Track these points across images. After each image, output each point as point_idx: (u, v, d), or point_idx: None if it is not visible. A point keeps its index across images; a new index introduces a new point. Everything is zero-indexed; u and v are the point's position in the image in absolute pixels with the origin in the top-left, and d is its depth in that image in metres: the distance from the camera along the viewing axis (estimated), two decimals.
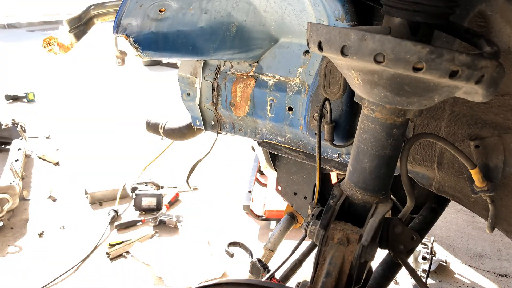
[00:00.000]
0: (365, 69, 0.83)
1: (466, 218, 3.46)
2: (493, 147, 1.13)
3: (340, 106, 1.30)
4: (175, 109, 3.18)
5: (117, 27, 1.27)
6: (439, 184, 1.32)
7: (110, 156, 4.45)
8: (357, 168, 1.02)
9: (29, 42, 10.62)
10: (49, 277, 2.70)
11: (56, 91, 6.79)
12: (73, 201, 3.64)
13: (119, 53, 1.65)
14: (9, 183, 3.18)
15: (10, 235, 3.14)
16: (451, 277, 2.79)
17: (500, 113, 1.10)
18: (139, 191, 3.54)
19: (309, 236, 1.07)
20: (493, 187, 1.13)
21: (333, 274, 0.95)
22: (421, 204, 1.74)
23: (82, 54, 6.98)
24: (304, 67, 1.41)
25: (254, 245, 2.94)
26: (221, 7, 1.36)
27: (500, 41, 1.00)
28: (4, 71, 7.74)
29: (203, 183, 3.96)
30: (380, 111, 0.92)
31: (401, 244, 1.08)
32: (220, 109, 1.67)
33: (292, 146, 1.57)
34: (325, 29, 0.82)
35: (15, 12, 13.85)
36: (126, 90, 6.96)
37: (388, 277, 1.39)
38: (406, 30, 0.87)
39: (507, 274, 2.83)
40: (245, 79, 1.57)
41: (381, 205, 1.01)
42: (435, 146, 1.26)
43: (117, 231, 3.24)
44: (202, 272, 2.74)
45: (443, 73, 0.72)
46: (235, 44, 1.45)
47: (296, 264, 1.58)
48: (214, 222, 3.39)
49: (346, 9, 1.14)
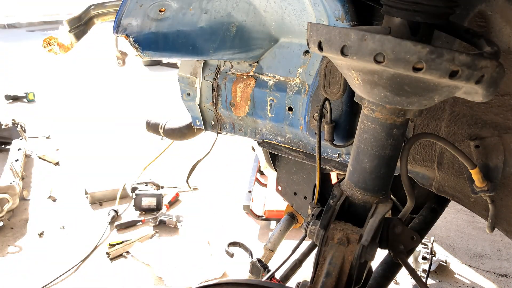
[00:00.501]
0: (365, 69, 0.83)
1: (466, 218, 3.46)
2: (493, 147, 1.13)
3: (340, 106, 1.30)
4: (175, 109, 3.18)
5: (117, 27, 1.27)
6: (439, 184, 1.32)
7: (110, 156, 4.45)
8: (357, 168, 1.02)
9: (29, 42, 10.61)
10: (49, 277, 2.70)
11: (56, 91, 6.79)
12: (73, 201, 3.64)
13: (120, 53, 1.65)
14: (9, 183, 3.18)
15: (10, 235, 3.14)
16: (451, 277, 2.79)
17: (500, 113, 1.10)
18: (139, 191, 3.54)
19: (309, 236, 1.07)
20: (493, 187, 1.13)
21: (333, 274, 0.95)
22: (421, 204, 1.74)
23: (82, 54, 6.97)
24: (304, 67, 1.41)
25: (254, 245, 2.94)
26: (221, 7, 1.36)
27: (500, 41, 1.00)
28: (4, 71, 7.74)
29: (203, 183, 3.96)
30: (380, 111, 0.92)
31: (401, 244, 1.08)
32: (220, 109, 1.67)
33: (292, 146, 1.57)
34: (325, 29, 0.82)
35: (15, 12, 13.85)
36: (126, 90, 6.96)
37: (388, 277, 1.39)
38: (406, 30, 0.87)
39: (507, 274, 2.83)
40: (245, 79, 1.57)
41: (381, 205, 1.01)
42: (435, 146, 1.26)
43: (117, 231, 3.24)
44: (202, 272, 2.74)
45: (443, 73, 0.72)
46: (235, 44, 1.45)
47: (296, 264, 1.58)
48: (214, 222, 3.39)
49: (346, 9, 1.14)
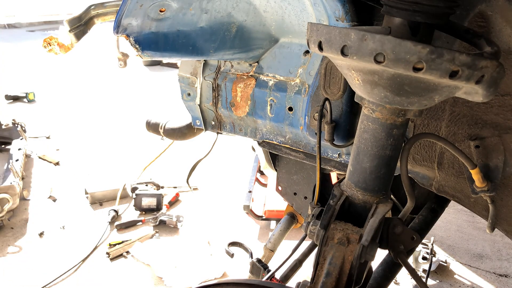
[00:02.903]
0: (365, 69, 0.83)
1: (466, 218, 3.46)
2: (493, 147, 1.13)
3: (340, 106, 1.30)
4: (175, 109, 3.18)
5: (117, 27, 1.27)
6: (439, 184, 1.32)
7: (110, 156, 4.46)
8: (357, 168, 1.02)
9: (29, 42, 10.61)
10: (49, 277, 2.70)
11: (56, 91, 6.79)
12: (73, 201, 3.64)
13: (121, 55, 1.65)
14: (9, 183, 3.18)
15: (10, 235, 3.14)
16: (451, 277, 2.79)
17: (500, 113, 1.10)
18: (139, 191, 3.54)
19: (309, 236, 1.07)
20: (493, 187, 1.13)
21: (333, 274, 0.95)
22: (421, 204, 1.74)
23: (82, 54, 6.98)
24: (304, 67, 1.41)
25: (254, 245, 2.94)
26: (221, 7, 1.36)
27: (500, 41, 1.00)
28: (5, 71, 7.74)
29: (203, 183, 3.96)
30: (380, 111, 0.92)
31: (401, 244, 1.08)
32: (220, 109, 1.67)
33: (292, 146, 1.56)
34: (325, 29, 0.82)
35: (15, 12, 13.85)
36: (126, 90, 6.96)
37: (388, 277, 1.39)
38: (406, 30, 0.87)
39: (507, 274, 2.83)
40: (245, 79, 1.57)
41: (381, 205, 1.01)
42: (435, 146, 1.26)
43: (117, 231, 3.24)
44: (202, 272, 2.74)
45: (443, 73, 0.72)
46: (235, 44, 1.45)
47: (296, 264, 1.58)
48: (214, 222, 3.39)
49: (346, 9, 1.14)
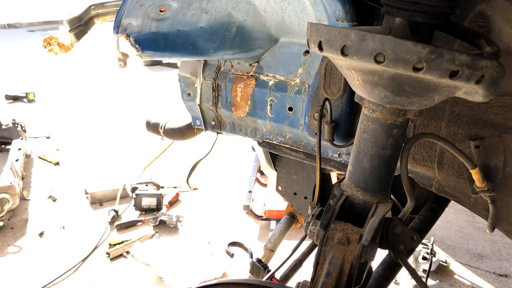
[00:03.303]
0: (365, 69, 0.83)
1: (466, 218, 3.46)
2: (493, 147, 1.13)
3: (340, 106, 1.30)
4: (175, 109, 3.18)
5: (117, 27, 1.27)
6: (439, 184, 1.32)
7: (110, 156, 4.45)
8: (357, 168, 1.02)
9: (29, 42, 10.61)
10: (49, 277, 2.70)
11: (56, 91, 6.79)
12: (73, 201, 3.64)
13: (121, 55, 1.65)
14: (9, 183, 3.18)
15: (10, 235, 3.14)
16: (451, 277, 2.79)
17: (500, 113, 1.10)
18: (139, 191, 3.54)
19: (309, 236, 1.07)
20: (493, 187, 1.13)
21: (333, 274, 0.95)
22: (421, 204, 1.74)
23: (82, 54, 6.98)
24: (304, 67, 1.41)
25: (254, 245, 2.94)
26: (221, 7, 1.36)
27: (500, 41, 1.00)
28: (5, 71, 7.74)
29: (203, 183, 3.96)
30: (380, 111, 0.92)
31: (401, 244, 1.08)
32: (220, 109, 1.67)
33: (292, 146, 1.56)
34: (325, 29, 0.82)
35: (15, 12, 13.85)
36: (126, 90, 6.96)
37: (388, 277, 1.39)
38: (406, 30, 0.87)
39: (507, 274, 2.83)
40: (245, 79, 1.57)
41: (381, 205, 1.01)
42: (435, 146, 1.26)
43: (117, 231, 3.24)
44: (202, 272, 2.74)
45: (443, 73, 0.72)
46: (235, 44, 1.45)
47: (296, 264, 1.58)
48: (214, 222, 3.39)
49: (346, 9, 1.14)
